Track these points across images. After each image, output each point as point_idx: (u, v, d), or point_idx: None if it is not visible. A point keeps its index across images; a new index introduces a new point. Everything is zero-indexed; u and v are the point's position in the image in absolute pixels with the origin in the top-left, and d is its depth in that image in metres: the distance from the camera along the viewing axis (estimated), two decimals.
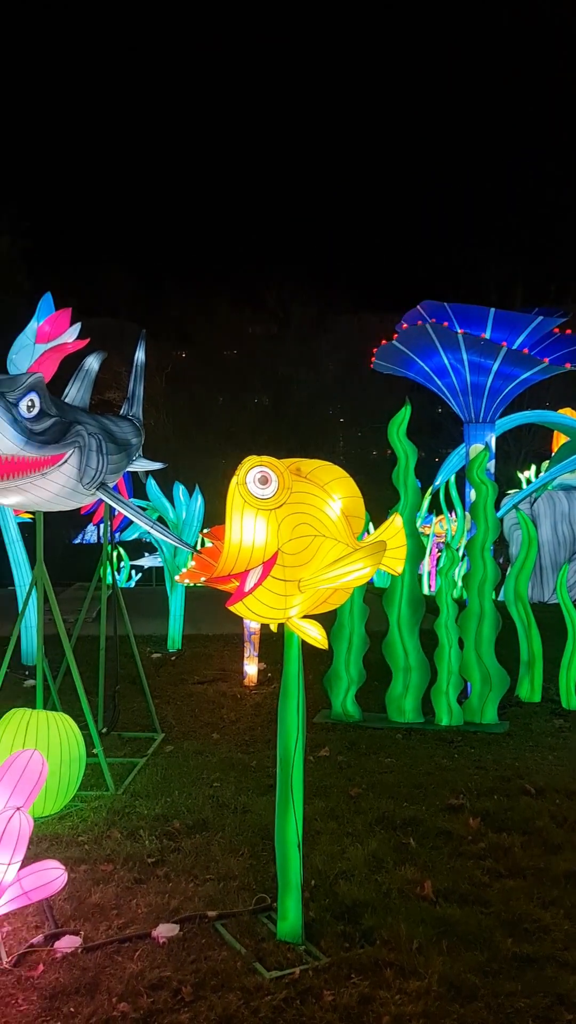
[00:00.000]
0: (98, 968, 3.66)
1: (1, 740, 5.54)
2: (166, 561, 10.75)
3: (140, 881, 4.52)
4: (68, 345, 6.78)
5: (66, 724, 5.67)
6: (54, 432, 5.29)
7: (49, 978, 3.59)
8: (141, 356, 7.72)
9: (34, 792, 4.01)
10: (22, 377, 5.04)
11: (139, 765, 6.53)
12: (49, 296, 7.75)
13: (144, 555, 24.33)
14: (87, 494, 5.97)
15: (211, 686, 9.06)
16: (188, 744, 7.13)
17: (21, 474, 5.13)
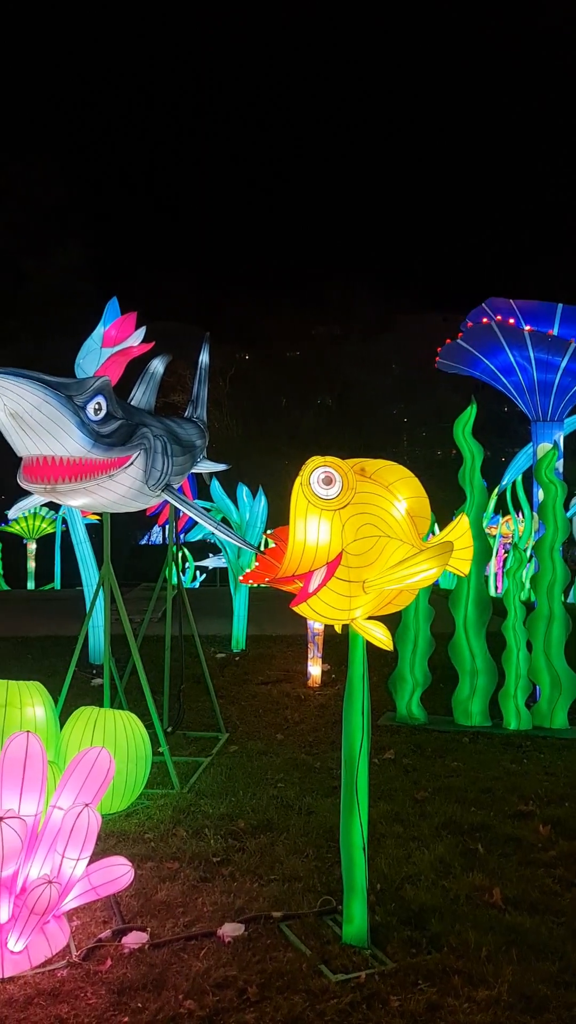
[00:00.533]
0: (164, 965, 3.69)
1: (69, 737, 5.65)
2: (230, 562, 10.82)
3: (205, 879, 4.54)
4: (133, 349, 6.87)
5: (132, 722, 5.75)
6: (120, 435, 5.37)
7: (117, 973, 3.64)
8: (205, 358, 7.78)
9: (102, 789, 4.06)
10: (89, 381, 5.12)
11: (204, 764, 6.58)
12: (115, 301, 7.88)
13: (208, 556, 24.57)
14: (152, 495, 6.04)
15: (275, 687, 9.08)
16: (252, 744, 7.15)
17: (88, 476, 5.21)
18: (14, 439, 4.94)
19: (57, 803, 3.97)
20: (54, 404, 4.75)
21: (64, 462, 5.07)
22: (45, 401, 4.71)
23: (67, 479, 5.14)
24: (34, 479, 5.14)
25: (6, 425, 4.83)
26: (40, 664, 9.98)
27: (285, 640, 11.37)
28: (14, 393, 4.60)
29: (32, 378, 4.68)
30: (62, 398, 4.79)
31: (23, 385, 4.61)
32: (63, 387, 4.87)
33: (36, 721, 5.66)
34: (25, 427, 4.80)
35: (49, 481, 5.11)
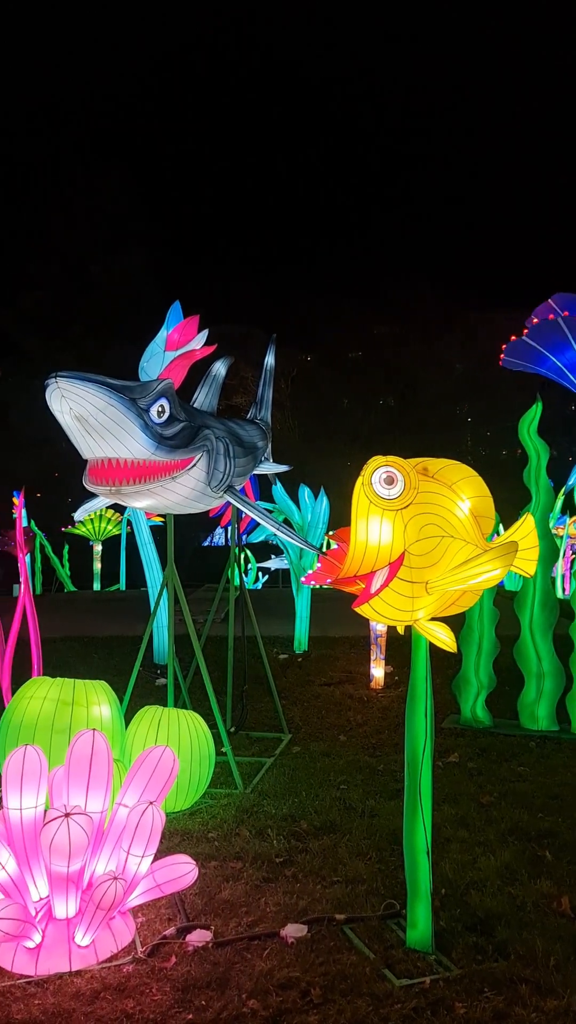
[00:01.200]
0: (228, 964, 3.70)
1: (134, 736, 5.73)
2: (292, 563, 10.84)
3: (268, 880, 4.55)
4: (196, 352, 6.93)
5: (196, 722, 5.79)
6: (183, 437, 5.42)
7: (181, 970, 3.66)
8: (271, 360, 7.80)
9: (166, 788, 4.10)
10: (152, 384, 5.19)
11: (267, 765, 6.59)
12: (178, 305, 7.94)
13: (271, 557, 24.65)
14: (215, 497, 6.08)
15: (337, 688, 9.05)
16: (315, 745, 7.14)
17: (152, 478, 5.27)
18: (79, 442, 5.03)
19: (122, 801, 4.03)
20: (118, 407, 4.82)
21: (128, 464, 5.14)
22: (109, 404, 4.78)
23: (131, 481, 5.21)
24: (99, 481, 5.22)
25: (72, 428, 4.93)
26: (106, 664, 10.13)
27: (347, 641, 11.33)
28: (79, 396, 4.69)
29: (96, 381, 4.76)
30: (126, 401, 4.86)
31: (88, 389, 4.69)
32: (127, 390, 4.93)
33: (102, 719, 5.75)
34: (90, 430, 4.88)
35: (114, 483, 5.19)
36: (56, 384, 4.62)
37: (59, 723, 5.57)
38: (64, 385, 4.63)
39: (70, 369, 4.77)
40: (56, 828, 3.50)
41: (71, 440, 5.14)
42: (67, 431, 5.02)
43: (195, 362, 6.80)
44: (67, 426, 4.94)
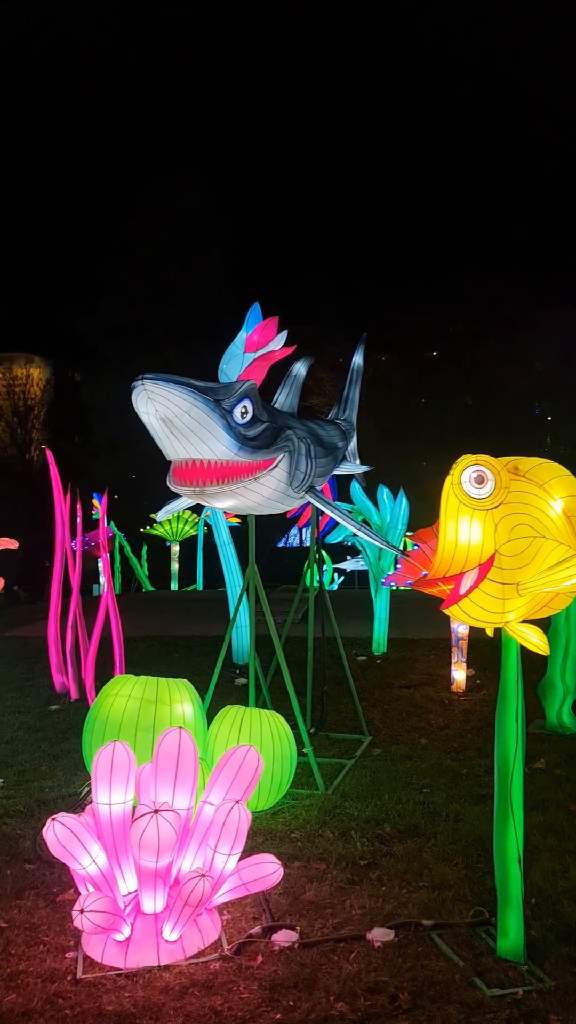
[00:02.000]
0: (315, 965, 3.69)
1: (216, 735, 5.77)
2: (370, 564, 10.77)
3: (353, 882, 4.52)
4: (275, 353, 6.94)
5: (278, 722, 5.80)
6: (265, 437, 5.43)
7: (268, 969, 3.67)
8: (359, 360, 7.76)
9: (250, 787, 4.11)
10: (236, 385, 5.22)
11: (347, 766, 6.56)
12: (257, 307, 7.97)
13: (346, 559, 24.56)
14: (296, 498, 6.08)
15: (417, 690, 8.95)
16: (396, 748, 7.07)
17: (235, 478, 5.31)
18: (164, 443, 5.10)
19: (207, 798, 4.06)
20: (202, 408, 4.86)
21: (211, 465, 5.18)
22: (194, 405, 4.83)
23: (214, 481, 5.25)
24: (183, 482, 5.28)
25: (156, 430, 4.99)
26: (186, 663, 10.25)
27: (427, 644, 11.19)
28: (164, 398, 4.74)
29: (182, 383, 4.81)
30: (210, 402, 4.90)
31: (173, 390, 4.75)
32: (211, 391, 4.97)
33: (185, 718, 5.81)
34: (175, 431, 4.94)
35: (197, 484, 5.24)
36: (143, 386, 4.69)
37: (143, 721, 5.66)
38: (150, 387, 4.69)
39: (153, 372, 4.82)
40: (146, 824, 3.54)
41: (156, 442, 5.21)
42: (152, 433, 5.10)
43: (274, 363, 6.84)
44: (152, 428, 5.01)
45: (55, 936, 4.05)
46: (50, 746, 7.25)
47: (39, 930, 4.11)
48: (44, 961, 3.82)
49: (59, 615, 9.07)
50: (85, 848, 3.74)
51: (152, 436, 5.16)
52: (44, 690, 9.22)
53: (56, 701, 8.76)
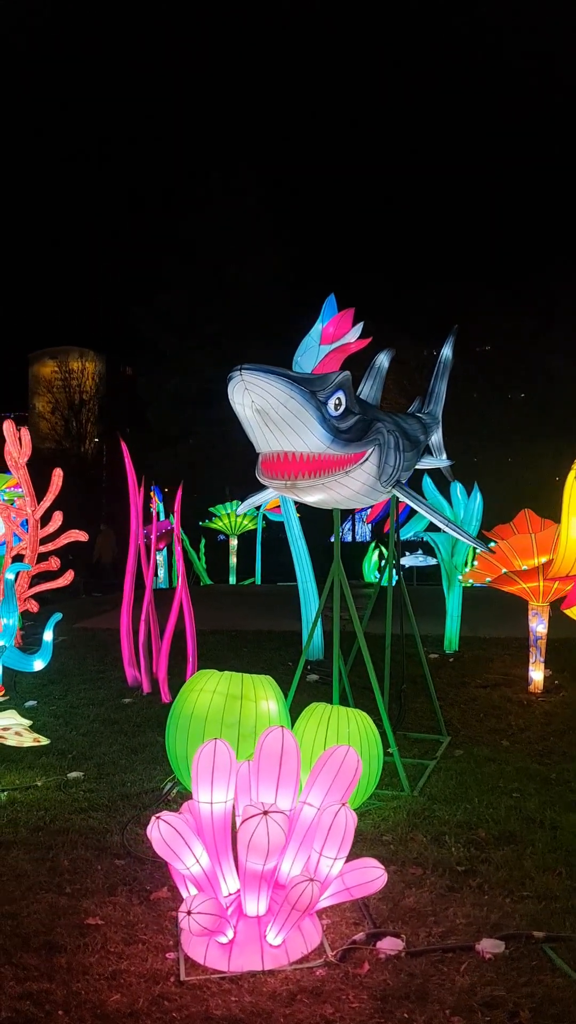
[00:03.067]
0: (424, 975, 3.56)
1: (303, 733, 5.65)
2: (443, 560, 10.56)
3: (453, 889, 4.38)
4: (351, 344, 6.82)
5: (366, 722, 5.67)
6: (357, 430, 5.31)
7: (377, 978, 3.55)
8: (448, 352, 7.59)
9: (350, 788, 4.00)
10: (331, 376, 5.10)
11: (430, 767, 6.41)
12: (332, 298, 7.83)
13: (405, 554, 24.30)
14: (384, 492, 5.96)
15: (494, 691, 8.74)
16: (478, 750, 6.90)
17: (327, 472, 5.19)
18: (257, 435, 5.01)
19: (306, 800, 3.96)
20: (298, 399, 4.76)
21: (304, 458, 5.08)
22: (291, 396, 4.73)
23: (306, 475, 5.15)
24: (274, 475, 5.19)
25: (251, 421, 4.90)
26: (256, 658, 10.19)
27: (500, 643, 10.96)
28: (262, 389, 4.65)
29: (279, 374, 4.71)
30: (306, 393, 4.79)
31: (271, 381, 4.65)
32: (307, 382, 4.86)
33: (270, 715, 5.72)
34: (269, 423, 4.84)
35: (289, 477, 5.14)
36: (240, 377, 4.60)
37: (228, 717, 5.58)
38: (248, 378, 4.60)
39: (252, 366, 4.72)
40: (255, 826, 3.45)
41: (248, 433, 5.12)
42: (245, 424, 5.01)
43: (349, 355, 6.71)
44: (246, 419, 4.92)
45: (153, 935, 3.99)
46: (127, 739, 7.23)
47: (136, 928, 4.06)
48: (145, 960, 3.75)
49: (131, 608, 9.06)
50: (189, 848, 3.67)
51: (245, 428, 5.07)
52: (116, 683, 9.23)
53: (128, 694, 8.76)
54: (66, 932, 4.01)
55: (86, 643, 11.54)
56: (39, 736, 6.12)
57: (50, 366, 57.80)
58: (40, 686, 9.06)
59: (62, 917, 4.16)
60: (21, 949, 3.86)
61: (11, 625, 8.01)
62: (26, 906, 4.27)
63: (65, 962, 3.75)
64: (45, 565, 9.84)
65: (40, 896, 4.38)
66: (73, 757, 6.72)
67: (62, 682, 9.30)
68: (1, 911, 4.22)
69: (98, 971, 3.67)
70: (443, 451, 7.74)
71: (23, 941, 3.93)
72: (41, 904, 4.28)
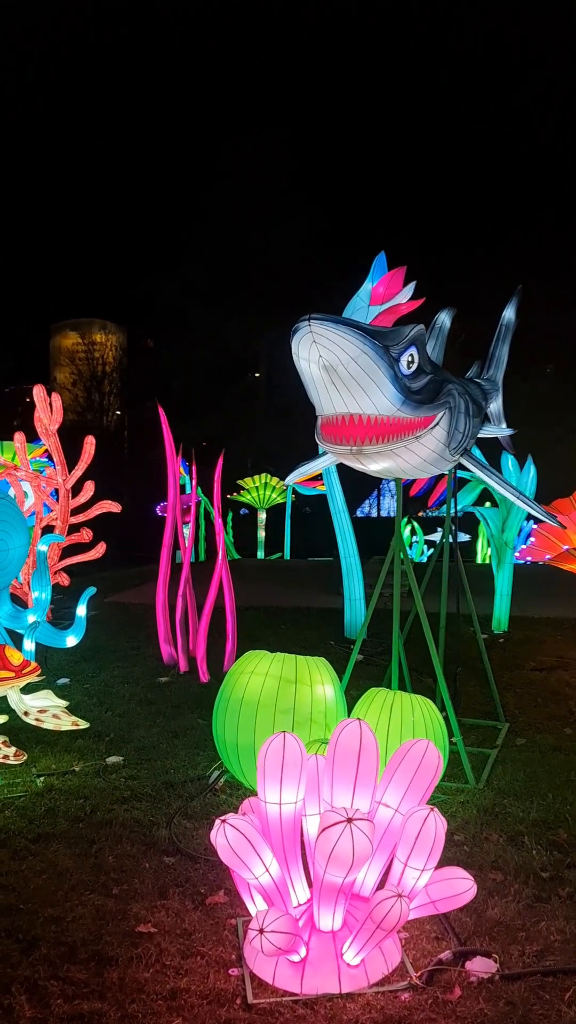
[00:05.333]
0: (526, 1004, 3.14)
1: (365, 719, 5.22)
2: (493, 537, 10.05)
3: (540, 899, 3.95)
4: (402, 306, 6.32)
5: (430, 709, 5.23)
6: (429, 391, 4.83)
7: (471, 1007, 3.13)
8: (511, 315, 7.05)
9: (430, 788, 3.57)
10: (405, 330, 4.61)
11: (491, 757, 5.98)
12: (383, 256, 7.32)
13: (436, 530, 23.81)
14: (451, 460, 5.47)
15: (551, 674, 8.28)
16: (541, 738, 6.46)
17: (396, 436, 4.73)
18: (321, 395, 4.54)
19: (382, 800, 3.54)
20: (372, 355, 4.28)
21: (371, 421, 4.61)
22: (363, 351, 4.25)
23: (374, 439, 4.69)
24: (338, 439, 4.73)
25: (316, 379, 4.44)
26: (296, 636, 9.79)
27: (551, 623, 10.48)
28: (332, 343, 4.18)
29: (351, 326, 4.23)
30: (380, 348, 4.32)
31: (343, 334, 4.17)
32: (379, 336, 4.38)
33: (326, 700, 5.31)
34: (337, 380, 4.38)
35: (356, 442, 4.68)
36: (309, 328, 4.12)
37: (282, 703, 5.17)
38: (318, 329, 4.12)
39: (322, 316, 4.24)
40: (339, 835, 3.02)
41: (309, 393, 4.66)
42: (308, 383, 4.54)
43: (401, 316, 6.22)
44: (311, 377, 4.46)
45: (212, 947, 3.60)
46: (166, 721, 6.85)
47: (193, 938, 3.66)
48: (206, 978, 3.36)
49: (167, 583, 8.66)
50: (259, 855, 3.26)
51: (307, 386, 4.60)
52: (151, 660, 8.86)
53: (164, 673, 8.38)
54: (116, 941, 3.63)
55: (118, 618, 11.18)
56: (78, 719, 5.73)
57: (72, 338, 57.44)
58: (72, 663, 8.71)
59: (110, 923, 3.78)
60: (68, 960, 3.48)
61: (44, 599, 7.64)
62: (70, 909, 3.89)
63: (117, 977, 3.36)
64: (77, 536, 9.44)
65: (85, 898, 4.00)
66: (111, 740, 6.34)
67: (95, 659, 8.94)
68: (44, 914, 3.84)
69: (154, 989, 3.28)
70: (503, 420, 7.23)
71: (70, 951, 3.55)
72: (87, 907, 3.91)
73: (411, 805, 3.47)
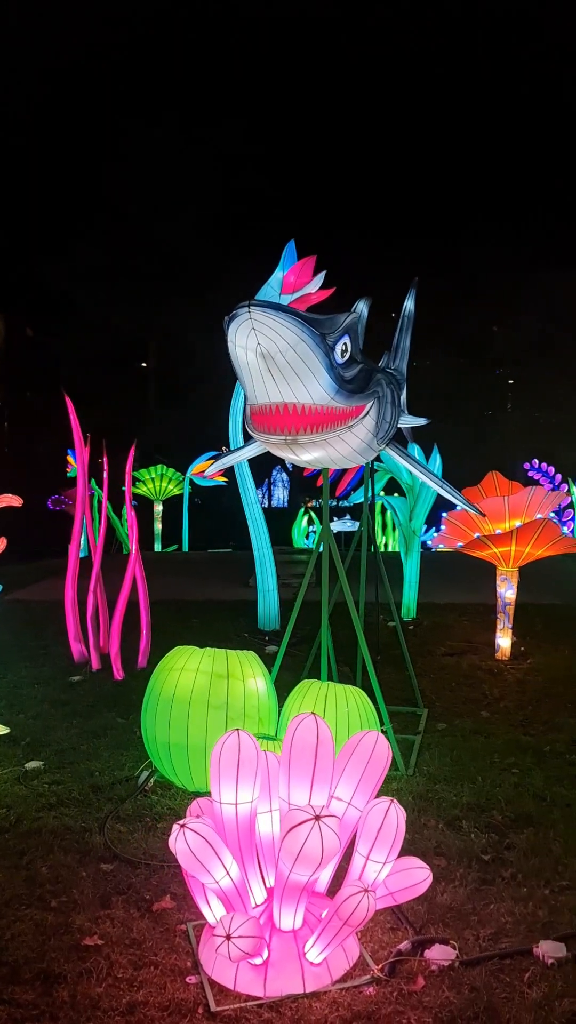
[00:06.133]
0: (488, 989, 3.17)
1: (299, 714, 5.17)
2: (401, 525, 10.20)
3: (486, 882, 4.01)
4: (313, 295, 6.32)
5: (362, 699, 5.25)
6: (360, 380, 4.81)
7: (436, 996, 3.14)
8: (410, 306, 7.11)
9: (380, 780, 3.55)
10: (340, 317, 4.56)
11: (416, 743, 6.06)
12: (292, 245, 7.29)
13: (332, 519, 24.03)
14: (377, 450, 5.48)
15: (462, 659, 8.47)
16: (459, 722, 6.59)
17: (329, 426, 4.68)
18: (256, 384, 4.44)
19: (333, 794, 3.50)
20: (309, 344, 4.22)
21: (305, 410, 4.55)
22: (301, 339, 4.18)
23: (308, 429, 4.63)
24: (272, 429, 4.64)
25: (252, 368, 4.33)
26: (209, 629, 9.66)
27: (456, 609, 10.73)
28: (272, 330, 4.08)
29: (289, 313, 4.15)
30: (317, 337, 4.25)
31: (283, 321, 4.09)
32: (316, 324, 4.31)
33: (259, 694, 5.25)
34: (274, 369, 4.29)
35: (290, 431, 4.61)
36: (248, 315, 4.01)
37: (215, 698, 5.08)
38: (258, 316, 4.02)
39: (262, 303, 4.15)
40: (307, 833, 2.96)
41: (243, 382, 4.55)
42: (243, 371, 4.43)
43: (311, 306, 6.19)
44: (246, 365, 4.35)
45: (165, 955, 3.47)
46: (83, 722, 6.61)
47: (144, 947, 3.53)
48: (163, 988, 3.24)
49: (76, 578, 8.37)
50: (220, 859, 3.16)
51: (241, 375, 4.49)
52: (60, 659, 8.55)
53: (76, 672, 8.11)
54: (62, 957, 3.45)
55: (20, 616, 10.75)
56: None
57: None
58: None
59: (53, 938, 3.60)
60: (11, 982, 3.29)
61: None
62: (7, 926, 3.68)
63: (68, 995, 3.20)
64: None
65: (22, 913, 3.79)
66: (27, 744, 6.08)
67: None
68: None
69: (110, 1004, 3.14)
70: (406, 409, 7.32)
71: (12, 971, 3.36)
72: (25, 923, 3.71)
73: (364, 798, 3.45)
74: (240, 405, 9.40)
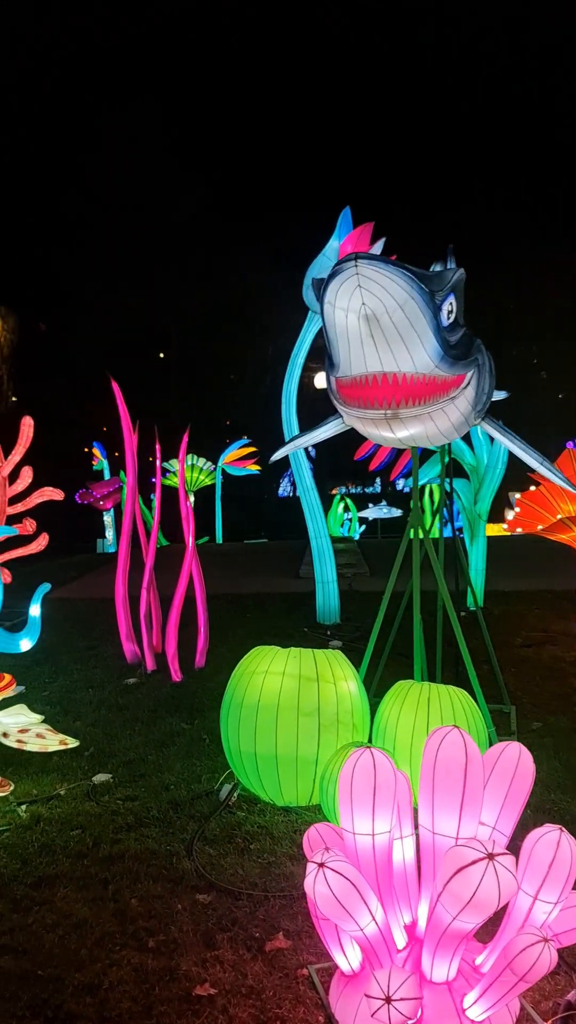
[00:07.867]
0: None
1: (398, 719, 4.68)
2: (465, 508, 9.66)
3: None
4: None
5: (468, 701, 4.75)
6: (463, 346, 4.29)
7: None
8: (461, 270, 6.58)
9: (524, 801, 3.06)
10: (448, 273, 4.04)
11: None
12: (347, 212, 6.78)
13: (368, 506, 23.52)
14: (471, 425, 4.96)
15: (542, 650, 7.95)
16: (555, 720, 6.08)
17: (432, 398, 4.18)
18: (354, 351, 3.93)
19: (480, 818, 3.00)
20: (419, 302, 3.70)
21: (408, 380, 4.03)
22: (411, 297, 3.66)
23: (409, 401, 4.12)
24: (370, 402, 4.14)
25: (353, 333, 3.83)
26: (268, 624, 9.19)
27: (525, 597, 10.18)
28: (382, 288, 3.57)
29: (399, 267, 3.62)
30: (427, 295, 3.73)
31: (392, 276, 3.57)
32: (425, 279, 3.79)
33: (352, 698, 4.76)
34: (377, 332, 3.78)
35: (391, 404, 4.10)
36: (355, 269, 3.50)
37: (305, 704, 4.60)
38: (366, 271, 3.51)
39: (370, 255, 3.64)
40: (481, 875, 2.46)
41: (337, 350, 4.04)
42: (339, 337, 3.92)
43: None
44: (344, 330, 3.84)
45: (290, 1007, 3.00)
46: (146, 729, 6.16)
47: (264, 998, 3.06)
48: None
49: (127, 574, 7.92)
50: (366, 903, 2.67)
51: (335, 340, 3.98)
52: (111, 660, 8.12)
53: (130, 674, 7.66)
54: (172, 1010, 2.99)
55: (65, 615, 10.32)
56: (66, 737, 4.98)
57: None
58: (23, 668, 7.88)
59: (157, 986, 3.14)
60: None
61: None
62: (103, 972, 3.23)
63: None
64: (19, 528, 8.56)
65: (117, 955, 3.34)
66: (91, 755, 5.63)
67: (48, 662, 8.14)
68: (72, 982, 3.17)
69: None
70: None
71: None
72: (123, 968, 3.25)
73: (509, 822, 2.96)
74: (292, 387, 8.89)
